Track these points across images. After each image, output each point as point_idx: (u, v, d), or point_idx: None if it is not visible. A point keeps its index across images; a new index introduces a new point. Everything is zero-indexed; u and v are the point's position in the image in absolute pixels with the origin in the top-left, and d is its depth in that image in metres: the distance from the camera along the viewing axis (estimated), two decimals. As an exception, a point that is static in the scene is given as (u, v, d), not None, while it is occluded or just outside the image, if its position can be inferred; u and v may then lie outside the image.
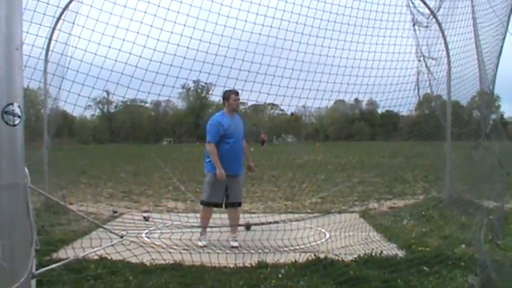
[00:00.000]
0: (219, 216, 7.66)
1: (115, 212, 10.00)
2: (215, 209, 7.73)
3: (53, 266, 2.87)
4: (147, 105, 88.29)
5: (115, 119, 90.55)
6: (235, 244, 7.29)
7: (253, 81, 5.60)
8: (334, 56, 6.18)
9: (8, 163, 2.24)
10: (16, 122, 2.22)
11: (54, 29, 7.35)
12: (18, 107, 2.22)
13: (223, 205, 7.64)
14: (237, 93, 7.55)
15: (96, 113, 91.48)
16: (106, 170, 22.14)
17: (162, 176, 18.54)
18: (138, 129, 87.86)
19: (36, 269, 2.46)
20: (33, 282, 2.39)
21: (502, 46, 6.44)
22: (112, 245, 3.60)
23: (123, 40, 5.18)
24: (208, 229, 7.56)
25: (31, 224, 2.34)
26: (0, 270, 2.17)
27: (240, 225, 7.69)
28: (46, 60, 7.70)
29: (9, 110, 2.19)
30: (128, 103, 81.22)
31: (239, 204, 7.79)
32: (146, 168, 23.16)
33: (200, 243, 7.23)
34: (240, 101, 7.68)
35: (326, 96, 6.07)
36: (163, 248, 6.12)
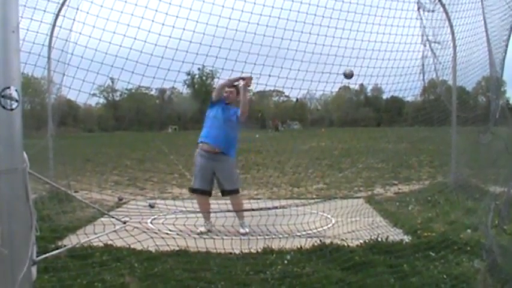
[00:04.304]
0: (224, 202, 7.66)
1: (120, 199, 10.02)
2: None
3: (53, 252, 2.86)
4: (152, 92, 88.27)
5: (120, 107, 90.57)
6: (242, 231, 7.25)
7: (263, 64, 5.54)
8: (340, 37, 6.10)
9: (6, 148, 2.21)
10: (13, 106, 2.19)
11: (58, 15, 7.30)
12: (16, 90, 2.19)
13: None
14: None
15: (101, 102, 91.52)
16: (111, 158, 22.18)
17: (167, 163, 18.55)
18: (143, 117, 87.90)
19: (38, 256, 2.45)
20: (34, 269, 2.38)
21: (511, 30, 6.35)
22: (115, 231, 3.59)
23: (128, 25, 5.12)
24: (212, 214, 7.55)
25: (30, 210, 2.32)
26: (0, 257, 2.15)
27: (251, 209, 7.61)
28: (50, 47, 7.66)
29: (6, 94, 2.15)
30: (133, 91, 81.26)
31: (230, 192, 7.67)
32: (151, 155, 23.18)
33: (200, 229, 7.22)
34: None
35: (332, 79, 6.00)
36: (168, 234, 6.12)
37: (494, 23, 6.51)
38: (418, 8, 8.24)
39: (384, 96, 75.29)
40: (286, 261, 5.54)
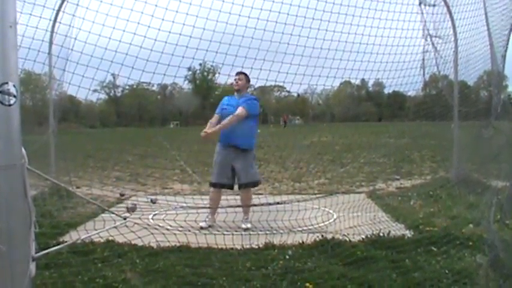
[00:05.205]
0: (225, 198, 7.65)
1: (122, 195, 10.00)
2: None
3: (54, 248, 2.85)
4: (154, 88, 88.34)
5: (121, 102, 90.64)
6: (244, 226, 7.24)
7: (263, 59, 5.52)
8: (341, 32, 6.07)
9: (4, 144, 2.20)
10: (12, 101, 2.18)
11: (58, 10, 7.29)
12: (14, 86, 2.18)
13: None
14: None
15: (103, 98, 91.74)
16: (113, 154, 22.16)
17: (169, 158, 18.52)
18: (145, 113, 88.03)
19: (38, 252, 2.44)
20: (33, 266, 2.37)
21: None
22: (115, 227, 3.57)
23: (127, 20, 5.11)
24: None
25: (29, 206, 2.31)
26: (-1, 254, 2.15)
27: (253, 205, 7.61)
28: (51, 43, 7.65)
29: (4, 89, 2.15)
30: (134, 87, 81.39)
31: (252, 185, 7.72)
32: (153, 151, 23.15)
33: (201, 224, 7.21)
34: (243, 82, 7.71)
35: (332, 74, 5.97)
36: (169, 230, 6.11)
37: (495, 17, 6.48)
38: (420, 3, 8.21)
39: (386, 91, 75.50)
40: (287, 257, 5.53)
